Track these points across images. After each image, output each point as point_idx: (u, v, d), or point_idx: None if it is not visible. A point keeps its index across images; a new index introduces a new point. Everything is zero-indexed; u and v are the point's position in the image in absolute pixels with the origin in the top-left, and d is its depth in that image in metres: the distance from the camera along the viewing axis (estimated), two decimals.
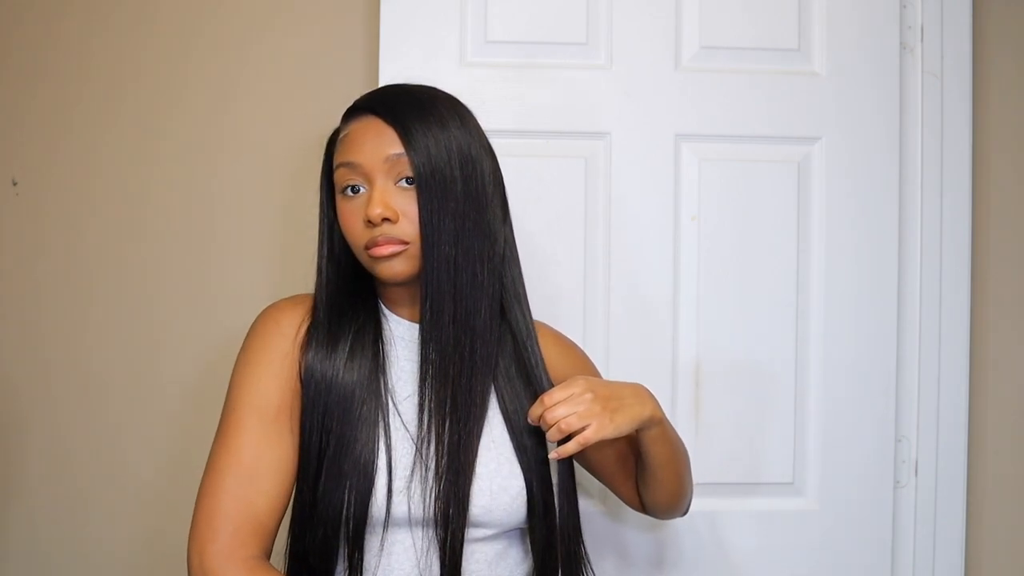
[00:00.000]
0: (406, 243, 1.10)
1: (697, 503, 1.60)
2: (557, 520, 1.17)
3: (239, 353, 1.14)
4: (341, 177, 1.13)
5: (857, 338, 1.62)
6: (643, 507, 1.35)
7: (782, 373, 1.61)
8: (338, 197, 1.15)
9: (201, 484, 1.09)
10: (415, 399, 1.14)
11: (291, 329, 1.14)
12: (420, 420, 1.11)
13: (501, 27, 1.59)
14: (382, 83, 1.56)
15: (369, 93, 1.19)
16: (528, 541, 1.18)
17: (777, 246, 1.62)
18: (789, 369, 1.62)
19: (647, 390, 1.18)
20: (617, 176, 1.60)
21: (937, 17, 1.65)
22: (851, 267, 1.62)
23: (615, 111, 1.60)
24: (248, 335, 1.15)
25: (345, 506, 1.08)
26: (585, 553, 1.22)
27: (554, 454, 1.11)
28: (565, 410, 1.09)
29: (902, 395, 1.64)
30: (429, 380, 1.12)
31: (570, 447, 1.09)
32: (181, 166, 1.64)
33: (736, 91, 1.61)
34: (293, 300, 1.19)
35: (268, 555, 1.09)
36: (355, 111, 1.16)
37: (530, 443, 1.16)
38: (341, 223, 1.14)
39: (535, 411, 1.11)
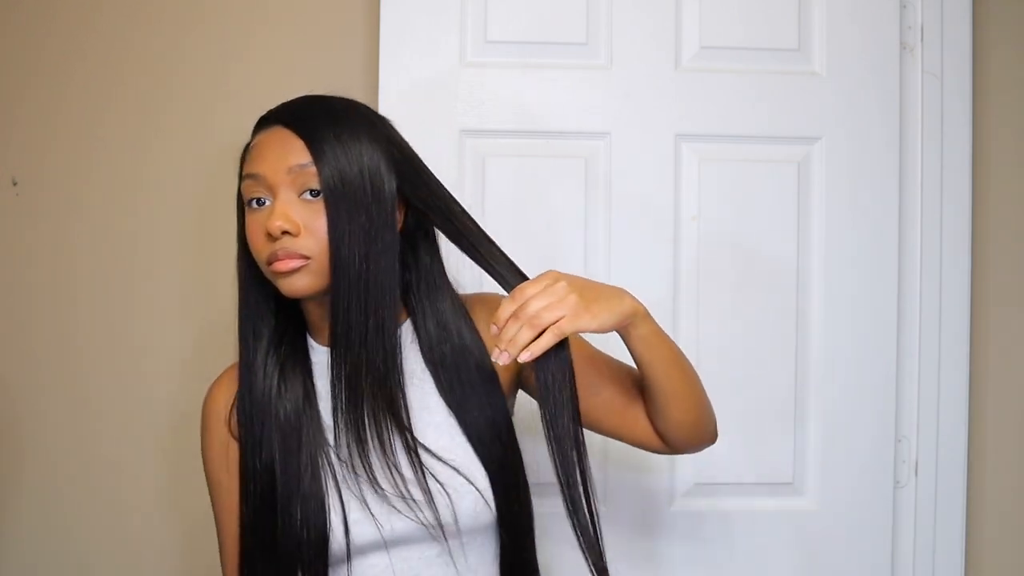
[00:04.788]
0: (307, 258, 1.04)
1: (697, 503, 1.61)
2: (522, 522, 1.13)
3: (201, 449, 1.18)
4: (246, 190, 1.08)
5: (857, 338, 1.62)
6: (665, 441, 1.17)
7: (782, 373, 1.61)
8: (246, 211, 1.10)
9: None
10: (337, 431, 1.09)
11: (225, 410, 1.15)
12: (348, 451, 1.07)
13: (501, 27, 1.59)
14: (382, 83, 1.56)
15: (282, 103, 1.12)
16: (495, 547, 1.14)
17: (777, 246, 1.62)
18: (789, 369, 1.62)
19: (626, 290, 1.08)
20: (617, 176, 1.60)
21: (937, 17, 1.65)
22: (851, 267, 1.62)
23: (615, 111, 1.60)
24: (200, 430, 1.17)
25: (303, 546, 1.06)
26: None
27: (526, 354, 0.98)
28: (539, 303, 0.99)
29: (902, 395, 1.64)
30: (341, 408, 1.07)
31: (545, 339, 0.99)
32: (178, 166, 1.63)
33: (736, 91, 1.61)
34: (227, 374, 1.18)
35: None
36: (264, 122, 1.11)
37: (488, 437, 1.11)
38: (247, 237, 1.09)
39: (505, 310, 1.00)
